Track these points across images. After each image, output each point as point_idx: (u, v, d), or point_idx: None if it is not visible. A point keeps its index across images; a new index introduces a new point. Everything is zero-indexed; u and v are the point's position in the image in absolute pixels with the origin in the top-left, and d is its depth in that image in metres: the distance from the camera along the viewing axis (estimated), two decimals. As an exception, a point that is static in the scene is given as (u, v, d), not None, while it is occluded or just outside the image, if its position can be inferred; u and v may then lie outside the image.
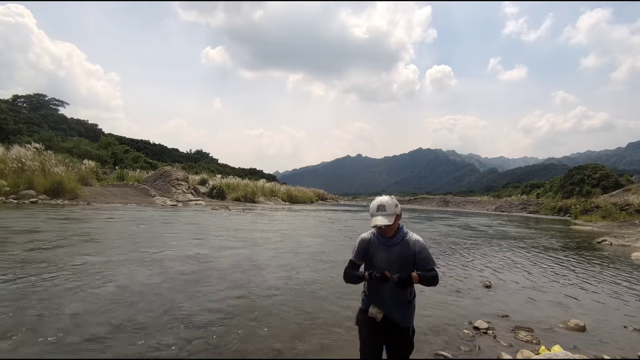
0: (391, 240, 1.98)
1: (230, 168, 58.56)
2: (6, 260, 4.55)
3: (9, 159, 13.39)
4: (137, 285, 3.90)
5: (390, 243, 1.98)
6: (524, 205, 39.21)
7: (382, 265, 1.93)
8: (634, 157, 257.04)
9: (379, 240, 2.00)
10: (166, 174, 21.81)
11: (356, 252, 2.04)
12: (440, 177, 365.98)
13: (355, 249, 2.04)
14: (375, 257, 1.98)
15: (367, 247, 2.02)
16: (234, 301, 3.63)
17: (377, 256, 1.98)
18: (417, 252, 1.94)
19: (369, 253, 2.01)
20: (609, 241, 10.66)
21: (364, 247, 2.03)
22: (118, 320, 2.96)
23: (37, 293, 3.44)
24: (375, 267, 1.94)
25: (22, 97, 57.02)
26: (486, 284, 4.93)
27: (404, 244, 1.97)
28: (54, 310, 3.05)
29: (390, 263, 1.93)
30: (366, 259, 2.02)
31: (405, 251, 1.96)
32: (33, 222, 7.91)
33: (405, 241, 1.98)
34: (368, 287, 2.03)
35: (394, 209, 1.92)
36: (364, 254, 2.02)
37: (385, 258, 1.96)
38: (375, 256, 1.98)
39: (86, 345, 2.50)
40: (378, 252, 1.98)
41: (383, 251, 1.98)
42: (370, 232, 2.06)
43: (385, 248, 1.98)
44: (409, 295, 1.98)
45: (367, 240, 2.04)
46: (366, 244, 2.03)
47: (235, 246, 6.82)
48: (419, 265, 1.92)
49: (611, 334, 3.37)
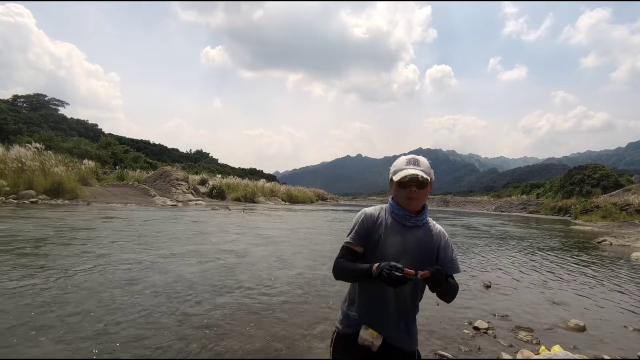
0: (415, 218, 1.37)
1: (230, 168, 58.59)
2: (84, 254, 4.99)
3: (9, 159, 13.39)
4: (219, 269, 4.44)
5: (411, 223, 1.37)
6: (524, 205, 39.23)
7: (396, 255, 1.30)
8: (634, 157, 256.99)
9: (393, 218, 1.38)
10: (166, 174, 21.82)
11: (356, 232, 1.38)
12: (440, 177, 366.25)
13: (356, 229, 1.39)
14: (386, 243, 1.33)
15: (372, 226, 1.37)
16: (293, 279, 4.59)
17: (388, 241, 1.34)
18: (443, 248, 1.40)
19: (375, 236, 1.35)
20: (609, 241, 10.66)
21: (368, 227, 1.37)
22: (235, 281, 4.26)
23: (160, 273, 4.42)
24: (384, 258, 1.26)
25: (22, 97, 57.03)
26: (486, 284, 4.93)
27: (426, 230, 1.40)
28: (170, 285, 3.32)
29: (405, 253, 1.32)
30: (369, 245, 1.36)
31: (428, 241, 1.38)
32: (82, 222, 8.48)
33: (428, 227, 1.41)
34: (361, 294, 1.38)
35: (429, 170, 1.37)
36: (366, 237, 1.37)
37: (400, 245, 1.34)
38: (385, 241, 1.34)
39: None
40: (389, 236, 1.35)
41: (398, 235, 1.35)
42: (378, 208, 1.44)
43: (402, 230, 1.36)
44: (418, 305, 1.42)
45: (374, 216, 1.39)
46: (372, 222, 1.38)
47: (261, 243, 7.47)
48: (443, 266, 1.33)
49: (611, 334, 3.37)
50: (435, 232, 1.42)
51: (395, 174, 1.37)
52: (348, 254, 1.38)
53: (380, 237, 1.36)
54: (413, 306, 1.40)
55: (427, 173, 1.34)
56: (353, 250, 1.38)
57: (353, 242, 1.38)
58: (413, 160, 1.36)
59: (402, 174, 1.32)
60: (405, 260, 1.26)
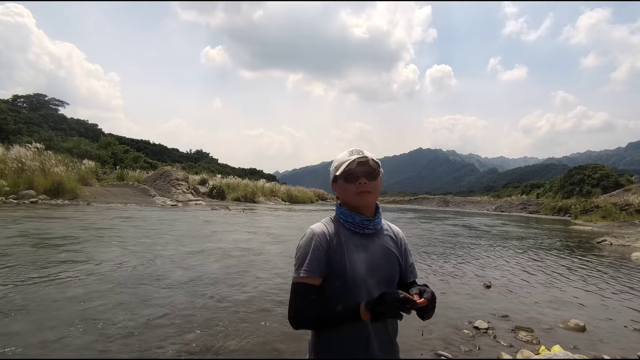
0: (373, 222, 1.12)
1: (230, 168, 58.64)
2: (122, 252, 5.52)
3: (9, 159, 13.40)
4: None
5: (371, 230, 1.12)
6: (524, 205, 39.21)
7: (368, 275, 1.06)
8: (634, 157, 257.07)
9: (348, 229, 1.11)
10: (166, 174, 21.82)
11: (310, 261, 1.04)
12: (440, 177, 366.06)
13: (309, 257, 1.04)
14: (352, 264, 1.05)
15: (329, 248, 1.06)
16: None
17: (354, 261, 1.05)
18: (405, 252, 1.19)
19: (335, 259, 1.05)
20: (609, 241, 10.66)
21: (324, 250, 1.05)
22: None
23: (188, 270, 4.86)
24: (353, 284, 1.03)
25: (22, 97, 57.08)
26: (486, 284, 4.93)
27: (386, 235, 1.17)
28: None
29: (375, 270, 1.07)
30: (329, 272, 1.05)
31: (394, 247, 1.16)
32: (103, 222, 9.02)
33: (388, 230, 1.19)
34: (328, 342, 1.05)
35: (375, 158, 1.13)
36: (326, 264, 1.05)
37: (368, 261, 1.07)
38: (351, 262, 1.05)
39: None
40: (353, 254, 1.07)
41: (361, 249, 1.08)
42: (326, 222, 1.14)
43: (364, 242, 1.10)
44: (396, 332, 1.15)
45: (326, 234, 1.08)
46: (327, 243, 1.06)
47: (274, 241, 7.85)
48: (405, 274, 1.16)
49: (611, 334, 3.37)
50: (395, 234, 1.21)
51: (337, 168, 1.12)
52: (308, 293, 1.03)
53: (342, 258, 1.05)
54: (393, 331, 1.13)
55: (376, 162, 1.13)
56: (312, 286, 1.03)
57: (309, 274, 1.03)
58: (356, 150, 1.15)
59: (346, 163, 1.08)
60: (376, 278, 1.06)
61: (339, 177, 1.12)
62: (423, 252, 7.51)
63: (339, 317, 0.98)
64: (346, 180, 1.11)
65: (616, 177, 39.14)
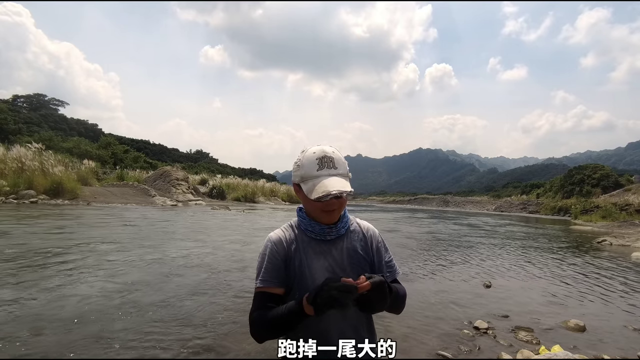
0: (336, 229, 1.07)
1: (230, 168, 58.65)
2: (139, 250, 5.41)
3: (9, 159, 13.40)
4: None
5: (331, 236, 1.07)
6: (523, 205, 39.22)
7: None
8: (634, 157, 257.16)
9: (307, 236, 1.08)
10: (166, 174, 21.82)
11: (266, 270, 1.03)
12: (440, 177, 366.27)
13: (265, 265, 1.04)
14: (311, 271, 1.03)
15: (286, 255, 1.05)
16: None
17: (313, 268, 1.03)
18: (377, 250, 1.12)
19: (293, 267, 1.04)
20: (609, 241, 10.66)
21: (282, 257, 1.04)
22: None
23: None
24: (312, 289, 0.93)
25: (22, 97, 57.04)
26: (486, 284, 4.93)
27: (353, 236, 1.11)
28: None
29: (339, 275, 0.98)
30: (289, 280, 1.04)
31: (361, 248, 1.10)
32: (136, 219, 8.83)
33: (355, 230, 1.13)
34: (291, 336, 0.99)
35: (345, 167, 1.04)
36: (285, 272, 1.04)
37: (328, 268, 1.04)
38: (310, 269, 1.03)
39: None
40: (313, 261, 1.04)
41: (321, 256, 1.05)
42: (285, 228, 1.12)
43: (325, 248, 1.07)
44: (372, 326, 1.09)
45: (283, 241, 1.07)
46: (284, 250, 1.05)
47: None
48: (380, 272, 1.10)
49: (611, 334, 3.37)
50: (364, 233, 1.13)
51: (304, 181, 1.01)
52: (266, 302, 1.00)
53: (300, 265, 1.03)
54: (369, 323, 1.07)
55: (346, 175, 1.03)
56: (271, 295, 1.01)
57: (267, 283, 1.01)
58: (327, 159, 0.99)
59: (318, 192, 0.96)
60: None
61: (303, 191, 1.02)
62: (423, 252, 7.52)
63: (285, 317, 0.93)
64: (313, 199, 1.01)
65: (616, 177, 39.16)
